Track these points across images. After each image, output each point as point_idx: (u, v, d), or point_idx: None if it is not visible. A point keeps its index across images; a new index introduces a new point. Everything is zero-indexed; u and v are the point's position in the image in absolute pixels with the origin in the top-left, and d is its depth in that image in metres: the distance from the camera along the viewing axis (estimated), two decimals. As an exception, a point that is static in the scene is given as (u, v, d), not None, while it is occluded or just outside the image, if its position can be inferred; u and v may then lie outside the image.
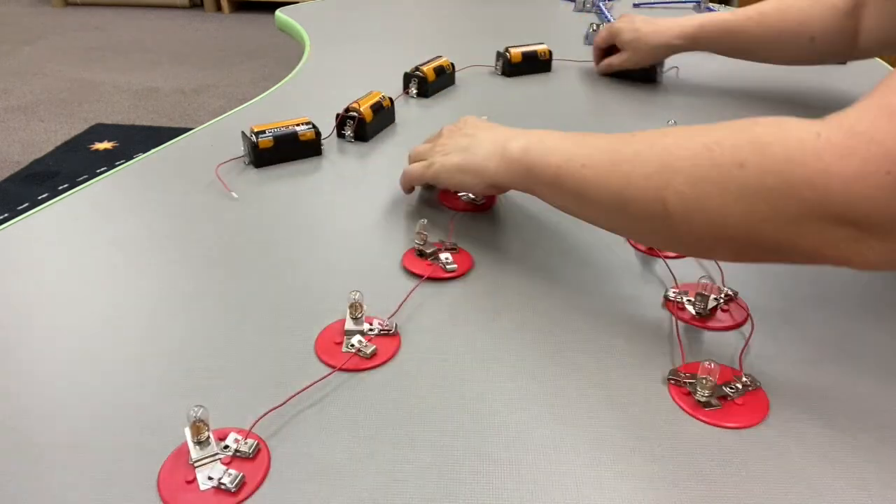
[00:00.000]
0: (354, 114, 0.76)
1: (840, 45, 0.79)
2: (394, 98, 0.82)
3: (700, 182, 0.39)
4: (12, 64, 3.05)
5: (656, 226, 0.43)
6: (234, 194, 0.64)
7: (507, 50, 0.97)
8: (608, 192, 0.44)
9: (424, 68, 0.89)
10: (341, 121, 0.76)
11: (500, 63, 0.98)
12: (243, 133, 0.70)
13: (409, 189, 0.63)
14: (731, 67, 0.95)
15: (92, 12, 3.93)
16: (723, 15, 0.86)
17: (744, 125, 0.40)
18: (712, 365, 0.40)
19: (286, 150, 0.71)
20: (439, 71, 0.91)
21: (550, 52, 0.99)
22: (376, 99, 0.79)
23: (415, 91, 0.89)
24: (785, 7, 0.82)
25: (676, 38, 0.87)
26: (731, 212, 0.38)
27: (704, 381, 0.40)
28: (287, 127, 0.71)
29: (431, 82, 0.89)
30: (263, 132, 0.69)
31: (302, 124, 0.72)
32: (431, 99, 0.90)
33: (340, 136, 0.77)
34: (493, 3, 1.45)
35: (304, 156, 0.72)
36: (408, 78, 0.90)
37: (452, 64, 0.94)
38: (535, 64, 0.99)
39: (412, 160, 0.62)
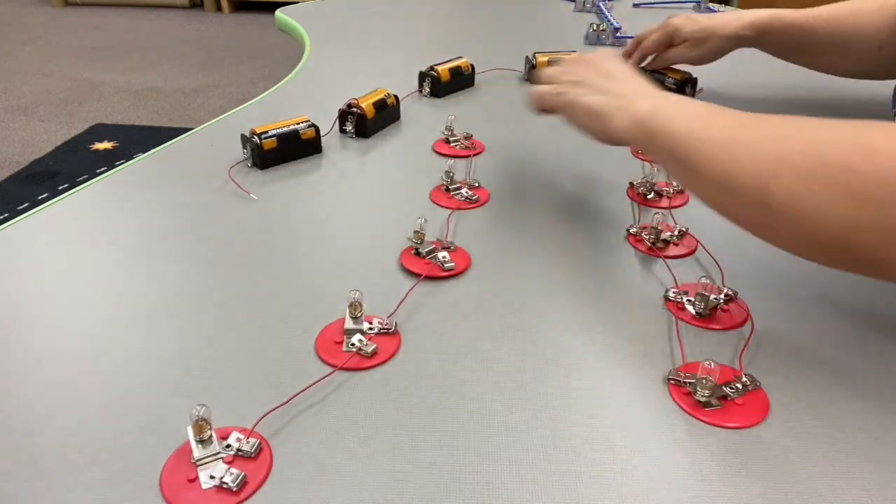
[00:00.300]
0: (356, 110, 0.76)
1: None
2: (401, 96, 0.82)
3: (807, 179, 0.38)
4: (12, 64, 3.05)
5: (758, 215, 0.42)
6: (252, 196, 0.64)
7: (533, 55, 0.94)
8: (718, 172, 0.43)
9: (439, 68, 0.88)
10: (342, 116, 0.77)
11: (527, 68, 0.96)
12: (244, 136, 0.70)
13: (541, 110, 0.62)
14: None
15: (92, 12, 3.93)
16: (787, 11, 0.81)
17: (860, 127, 0.39)
18: (712, 365, 0.40)
19: (288, 149, 0.71)
20: (455, 72, 0.90)
21: None
22: (380, 96, 0.79)
23: (427, 90, 0.89)
24: (857, 10, 0.77)
25: (746, 28, 0.82)
26: (833, 215, 0.37)
27: (704, 381, 0.40)
28: (287, 126, 0.71)
29: (445, 82, 0.89)
30: (265, 133, 0.69)
31: (301, 123, 0.72)
32: (444, 99, 0.89)
33: (342, 131, 0.78)
34: (494, 2, 1.45)
35: (305, 154, 0.72)
36: (422, 77, 0.90)
37: (472, 66, 0.93)
38: None
39: (542, 80, 0.62)
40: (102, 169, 2.09)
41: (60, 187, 1.98)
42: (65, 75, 2.90)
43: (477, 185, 0.66)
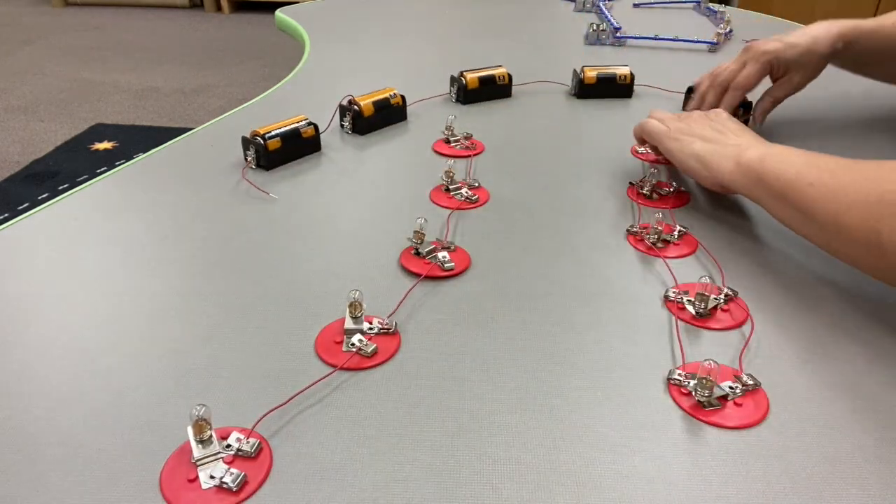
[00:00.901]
0: (355, 106, 0.76)
1: None
2: (418, 97, 0.82)
3: None
4: (12, 64, 3.05)
5: (869, 255, 0.44)
6: (273, 195, 0.64)
7: (581, 70, 0.91)
8: (828, 215, 0.46)
9: (469, 75, 0.87)
10: (342, 111, 0.77)
11: (574, 82, 0.92)
12: (245, 138, 0.70)
13: (640, 140, 0.68)
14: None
15: (92, 12, 3.93)
16: (860, 20, 0.75)
17: None
18: (712, 365, 0.40)
19: (291, 148, 0.71)
20: (486, 80, 0.88)
21: (632, 76, 0.90)
22: (383, 95, 0.79)
23: (453, 96, 0.89)
24: None
25: (837, 40, 0.74)
26: None
27: (704, 381, 0.40)
28: (288, 126, 0.71)
29: (471, 89, 0.88)
30: (268, 133, 0.69)
31: (300, 122, 0.72)
32: (471, 106, 0.88)
33: (341, 126, 0.79)
34: (493, 2, 1.45)
35: (306, 153, 0.73)
36: (452, 81, 0.89)
37: (510, 75, 0.90)
38: (613, 87, 0.90)
39: (653, 117, 0.67)
40: (102, 169, 2.09)
41: (60, 187, 1.98)
42: (65, 75, 2.90)
43: (477, 185, 0.66)
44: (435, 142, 0.77)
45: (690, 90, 0.85)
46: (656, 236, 0.56)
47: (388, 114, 0.80)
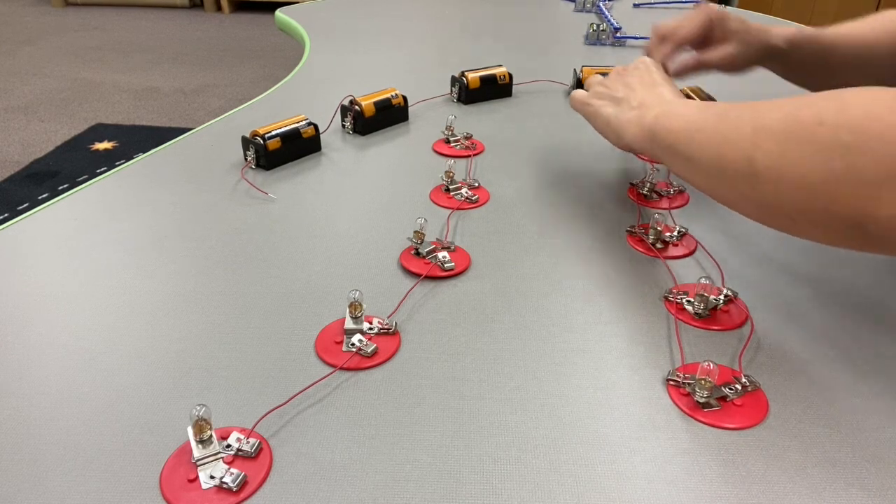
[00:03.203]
0: (356, 107, 0.76)
1: None
2: (420, 97, 0.82)
3: (784, 141, 0.39)
4: (12, 64, 3.05)
5: (747, 189, 0.42)
6: (271, 195, 0.64)
7: (581, 69, 0.90)
8: (711, 156, 0.45)
9: (470, 75, 0.88)
10: (343, 111, 0.77)
11: (574, 82, 0.92)
12: (245, 138, 0.70)
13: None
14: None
15: (92, 12, 3.93)
16: (808, 28, 0.73)
17: (837, 91, 0.39)
18: (711, 366, 0.40)
19: (291, 148, 0.71)
20: (487, 80, 0.89)
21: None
22: (385, 95, 0.79)
23: (455, 96, 0.89)
24: (878, 27, 0.71)
25: (780, 39, 0.71)
26: (810, 171, 0.38)
27: (703, 382, 0.40)
28: (288, 126, 0.71)
29: (472, 89, 0.88)
30: (268, 133, 0.69)
31: (300, 122, 0.72)
32: (472, 106, 0.88)
33: (343, 126, 0.79)
34: (493, 2, 1.45)
35: (306, 153, 0.73)
36: (453, 81, 0.89)
37: (510, 74, 0.91)
38: None
39: (585, 86, 0.66)
40: (102, 169, 2.09)
41: (60, 187, 1.98)
42: (65, 75, 2.90)
43: (477, 185, 0.66)
44: (435, 142, 0.77)
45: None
46: (656, 237, 0.56)
47: (390, 114, 0.80)
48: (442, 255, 0.54)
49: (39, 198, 1.92)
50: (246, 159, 0.70)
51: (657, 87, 0.57)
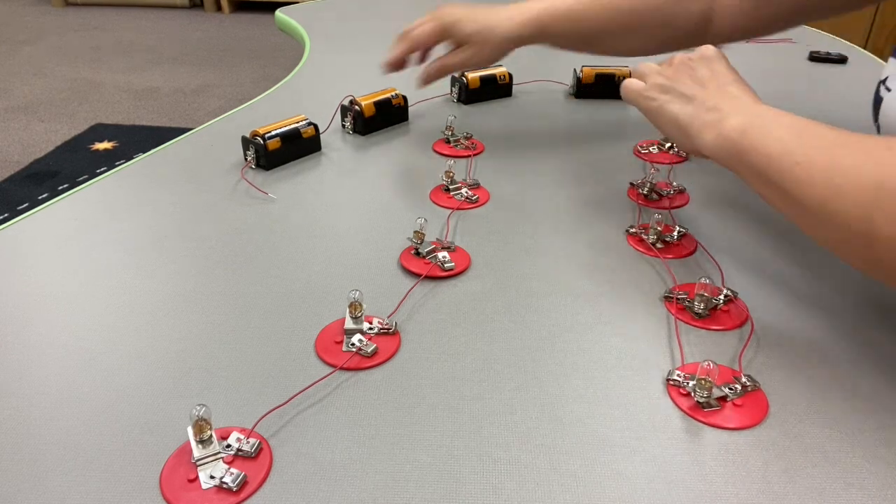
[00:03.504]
0: (356, 107, 0.76)
1: (693, 32, 0.72)
2: (429, 97, 0.82)
3: None
4: (12, 64, 3.05)
5: (859, 247, 0.39)
6: (271, 195, 0.64)
7: (581, 69, 0.91)
8: (816, 198, 0.41)
9: (470, 75, 0.88)
10: (343, 111, 0.77)
11: (574, 82, 0.93)
12: (245, 138, 0.70)
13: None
14: None
15: (92, 12, 3.93)
16: (567, 1, 0.73)
17: None
18: (711, 366, 0.40)
19: (291, 148, 0.71)
20: (488, 80, 0.89)
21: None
22: (385, 95, 0.79)
23: (455, 96, 0.89)
24: None
25: (527, 25, 0.72)
26: None
27: (703, 382, 0.40)
28: (288, 126, 0.71)
29: (472, 89, 0.88)
30: (268, 133, 0.69)
31: (301, 122, 0.72)
32: (472, 106, 0.89)
33: (343, 126, 0.79)
34: (493, 2, 1.45)
35: (307, 153, 0.73)
36: (454, 81, 0.89)
37: (510, 74, 0.91)
38: (612, 87, 0.88)
39: (635, 75, 0.60)
40: (102, 169, 2.09)
41: (60, 187, 1.98)
42: (65, 75, 2.90)
43: (477, 185, 0.66)
44: (435, 142, 0.77)
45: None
46: (656, 237, 0.56)
47: (390, 114, 0.80)
48: (442, 255, 0.54)
49: (39, 198, 1.92)
50: (246, 159, 0.70)
51: (730, 87, 0.52)
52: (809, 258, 0.55)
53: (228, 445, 0.37)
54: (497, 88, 0.91)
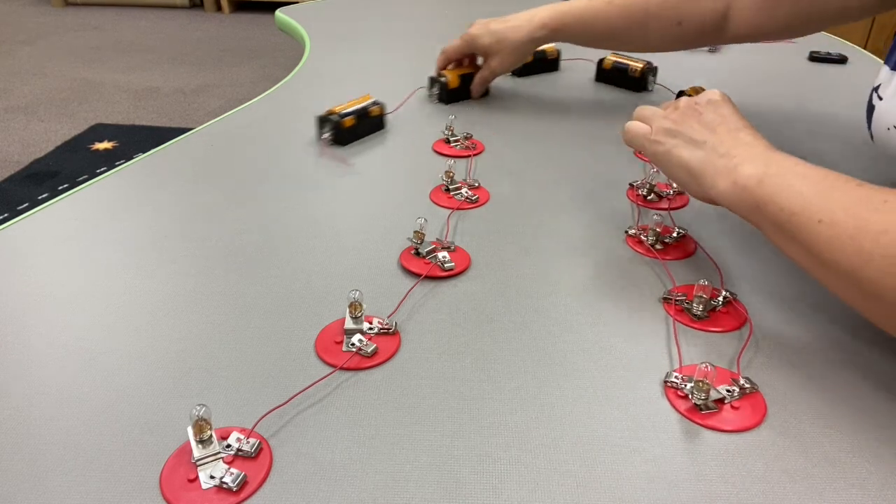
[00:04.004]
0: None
1: (709, 30, 0.75)
2: (401, 97, 0.82)
3: None
4: (12, 64, 3.05)
5: (888, 313, 0.38)
6: (350, 163, 0.69)
7: (602, 60, 0.95)
8: (844, 262, 0.39)
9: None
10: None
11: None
12: (320, 117, 0.74)
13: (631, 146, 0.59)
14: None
15: (92, 12, 3.93)
16: (576, 3, 0.81)
17: None
18: (709, 368, 0.40)
19: (363, 126, 0.77)
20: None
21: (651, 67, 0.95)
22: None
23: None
24: None
25: (538, 29, 0.81)
26: None
27: (701, 385, 0.40)
28: (358, 105, 0.77)
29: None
30: (345, 112, 0.75)
31: (367, 101, 0.77)
32: (472, 106, 0.89)
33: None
34: (492, 2, 1.45)
35: (373, 131, 0.78)
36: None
37: (559, 51, 0.96)
38: (627, 79, 0.95)
39: (636, 118, 0.58)
40: (102, 169, 2.09)
41: (60, 187, 1.98)
42: (65, 75, 2.90)
43: (477, 185, 0.66)
44: (435, 142, 0.77)
45: (682, 93, 0.85)
46: (655, 238, 0.56)
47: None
48: (442, 255, 0.54)
49: (39, 198, 1.92)
50: (321, 136, 0.75)
51: (741, 133, 0.50)
52: (809, 259, 0.55)
53: (228, 445, 0.37)
54: (546, 63, 1.00)
